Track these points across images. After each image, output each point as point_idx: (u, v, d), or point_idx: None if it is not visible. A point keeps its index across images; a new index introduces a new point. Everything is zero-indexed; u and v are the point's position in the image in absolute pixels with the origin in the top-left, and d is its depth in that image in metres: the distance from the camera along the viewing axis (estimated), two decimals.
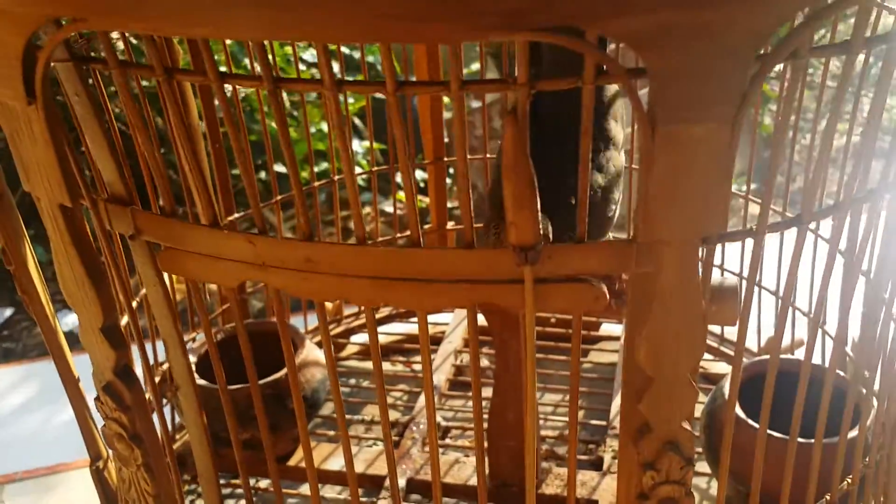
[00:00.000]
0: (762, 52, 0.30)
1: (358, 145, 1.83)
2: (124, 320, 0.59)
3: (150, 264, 0.41)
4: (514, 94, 0.32)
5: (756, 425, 0.62)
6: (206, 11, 0.29)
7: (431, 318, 0.98)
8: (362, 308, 0.97)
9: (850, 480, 0.49)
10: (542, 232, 0.35)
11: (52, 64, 0.38)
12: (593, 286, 0.36)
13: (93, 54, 0.54)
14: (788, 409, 0.46)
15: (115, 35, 0.61)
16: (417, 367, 0.91)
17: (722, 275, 0.86)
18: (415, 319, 0.98)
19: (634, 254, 0.34)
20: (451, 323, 0.95)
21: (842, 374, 0.69)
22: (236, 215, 0.84)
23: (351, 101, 1.79)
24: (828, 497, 0.48)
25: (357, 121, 1.87)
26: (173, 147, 0.57)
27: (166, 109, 0.64)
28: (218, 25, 0.29)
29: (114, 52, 0.34)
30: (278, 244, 0.37)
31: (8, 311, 1.96)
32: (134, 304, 0.62)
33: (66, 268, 0.40)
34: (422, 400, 0.82)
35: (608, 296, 0.36)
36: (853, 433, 0.56)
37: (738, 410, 0.63)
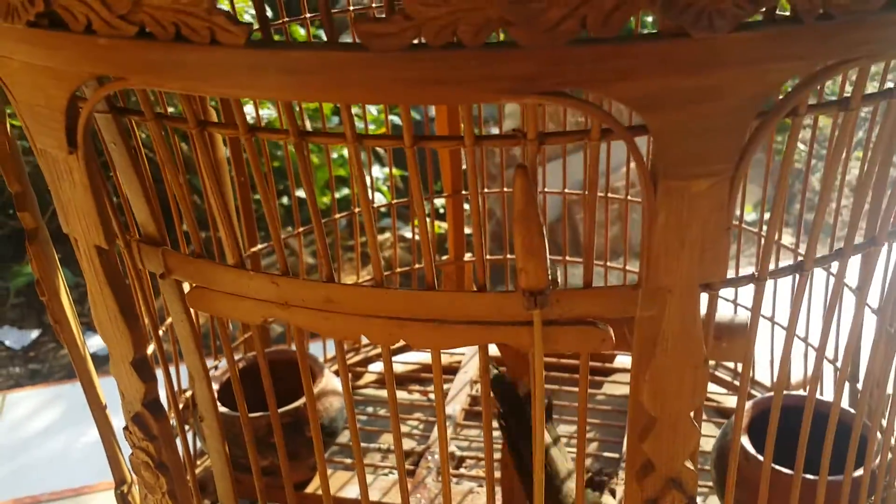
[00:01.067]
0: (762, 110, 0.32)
1: (379, 171, 1.86)
2: (151, 348, 0.61)
3: (179, 301, 0.44)
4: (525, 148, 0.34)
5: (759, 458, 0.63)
6: (241, 75, 0.31)
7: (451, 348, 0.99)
8: None
9: None
10: (550, 277, 0.37)
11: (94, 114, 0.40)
12: (600, 329, 0.37)
13: (128, 101, 0.56)
14: (790, 445, 0.47)
15: None
16: (432, 396, 0.92)
17: (735, 310, 0.87)
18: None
19: (639, 299, 0.36)
20: (467, 353, 0.97)
21: (851, 410, 0.70)
22: (259, 246, 0.87)
23: (372, 126, 1.82)
24: None
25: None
26: (202, 189, 0.60)
27: (195, 150, 0.67)
28: (251, 87, 0.31)
29: (150, 106, 0.37)
30: (300, 285, 0.39)
31: (35, 333, 2.00)
32: (161, 331, 0.65)
33: (100, 305, 0.42)
34: (436, 429, 0.84)
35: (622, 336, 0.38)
36: (859, 472, 0.57)
37: (749, 445, 0.64)
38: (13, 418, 1.37)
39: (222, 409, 0.75)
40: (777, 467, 0.61)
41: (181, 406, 0.76)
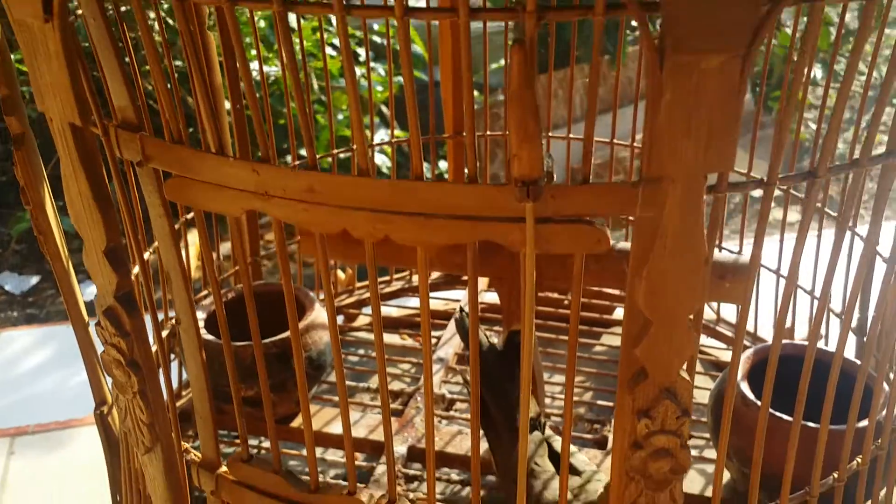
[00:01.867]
0: None
1: (384, 133, 1.84)
2: (135, 270, 0.60)
3: (157, 193, 0.42)
4: (522, 23, 0.31)
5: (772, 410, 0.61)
6: None
7: (444, 294, 0.97)
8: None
9: (860, 460, 0.48)
10: (545, 170, 0.34)
11: None
12: (596, 228, 0.35)
13: None
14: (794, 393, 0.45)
15: None
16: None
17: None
18: (434, 294, 0.98)
19: (639, 196, 0.33)
20: (463, 299, 0.95)
21: (853, 359, 0.68)
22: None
23: (379, 88, 1.79)
24: (835, 475, 0.47)
25: (383, 108, 1.87)
26: (188, 75, 0.57)
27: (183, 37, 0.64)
28: None
29: None
30: (282, 173, 0.37)
31: (34, 279, 2.00)
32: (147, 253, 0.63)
33: (73, 188, 0.40)
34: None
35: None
36: (863, 423, 0.55)
37: (748, 391, 0.62)
38: (7, 356, 1.36)
39: (209, 336, 0.73)
40: (774, 413, 0.59)
41: (167, 333, 0.74)
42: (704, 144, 0.31)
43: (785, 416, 0.59)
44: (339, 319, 0.95)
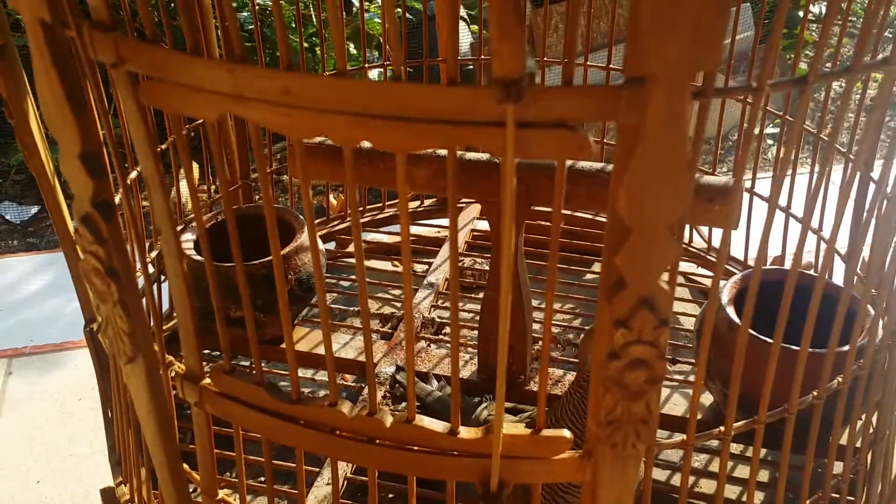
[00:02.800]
0: None
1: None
2: (118, 196, 0.59)
3: (132, 97, 0.41)
4: None
5: (750, 331, 0.61)
6: None
7: (436, 221, 0.97)
8: (366, 207, 0.97)
9: (840, 379, 0.48)
10: (528, 70, 0.33)
11: None
12: (578, 133, 0.34)
13: None
14: (792, 317, 0.45)
15: None
16: (418, 266, 0.90)
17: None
18: (421, 221, 0.97)
19: (623, 99, 0.32)
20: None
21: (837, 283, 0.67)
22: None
23: (377, 19, 1.75)
24: (815, 393, 0.47)
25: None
26: None
27: None
28: None
29: None
30: (257, 74, 0.36)
31: (34, 209, 1.99)
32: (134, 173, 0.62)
33: (46, 89, 0.39)
34: (418, 296, 0.82)
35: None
36: (845, 348, 0.55)
37: (734, 316, 0.62)
38: (6, 281, 1.36)
39: (196, 257, 0.73)
40: (758, 335, 0.59)
41: (155, 254, 0.74)
42: (690, 39, 0.30)
43: (769, 340, 0.59)
44: (332, 245, 0.95)
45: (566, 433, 0.42)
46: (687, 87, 0.31)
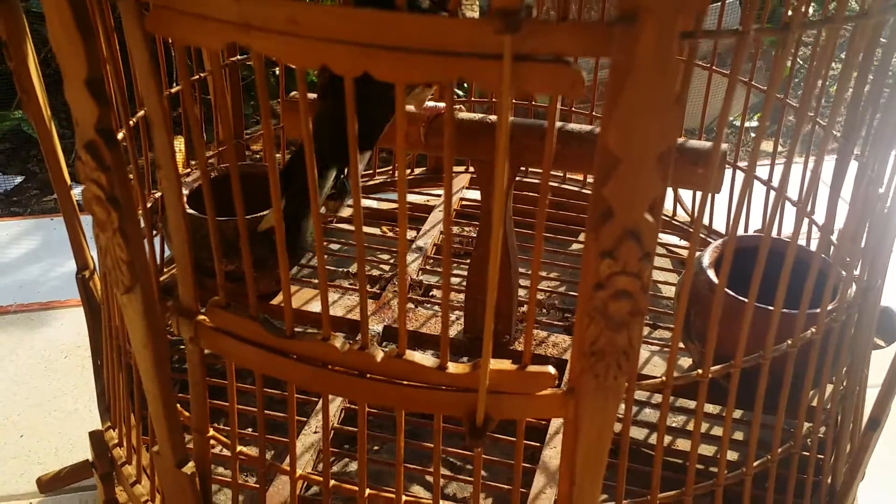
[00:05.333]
0: None
1: None
2: (121, 135, 0.60)
3: (138, 26, 0.41)
4: None
5: (728, 291, 0.63)
6: None
7: (427, 190, 0.98)
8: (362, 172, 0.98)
9: (814, 330, 0.50)
10: (525, 3, 0.35)
11: None
12: (572, 69, 0.36)
13: None
14: (770, 283, 0.47)
15: None
16: (410, 233, 0.92)
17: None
18: (413, 190, 0.98)
19: (616, 37, 0.34)
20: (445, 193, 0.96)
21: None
22: None
23: None
24: (789, 342, 0.49)
25: None
26: None
27: None
28: None
29: None
30: (262, 2, 0.37)
31: (18, 179, 1.98)
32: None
33: (55, 14, 0.40)
34: (409, 259, 0.84)
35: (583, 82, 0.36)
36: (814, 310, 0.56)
37: (714, 278, 0.64)
38: None
39: (191, 211, 0.74)
40: (736, 296, 0.61)
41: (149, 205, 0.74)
42: None
43: (745, 300, 0.61)
44: (322, 209, 0.96)
45: (551, 369, 0.43)
46: (676, 25, 0.32)
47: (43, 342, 1.06)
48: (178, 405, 0.53)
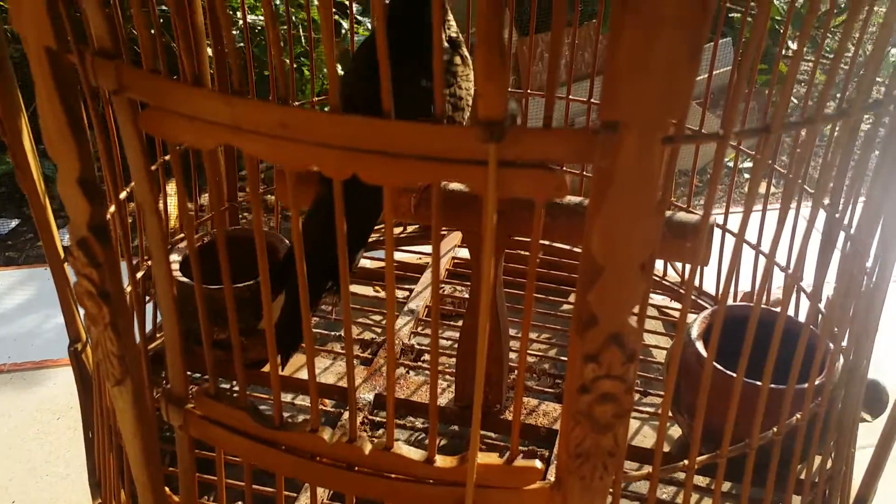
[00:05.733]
0: None
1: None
2: (111, 210, 0.60)
3: (132, 123, 0.42)
4: None
5: (717, 366, 0.63)
6: None
7: (419, 248, 0.99)
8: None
9: (798, 417, 0.50)
10: (510, 111, 0.35)
11: None
12: (556, 174, 0.36)
13: None
14: (758, 354, 0.47)
15: None
16: (399, 293, 0.92)
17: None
18: (403, 248, 0.99)
19: (599, 145, 0.35)
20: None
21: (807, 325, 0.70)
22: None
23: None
24: (775, 429, 0.49)
25: None
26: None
27: None
28: None
29: None
30: (254, 106, 0.38)
31: (14, 223, 1.99)
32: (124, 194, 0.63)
33: (48, 114, 0.40)
34: (399, 322, 0.84)
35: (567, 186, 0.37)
36: (802, 385, 0.57)
37: (703, 351, 0.64)
38: None
39: (183, 279, 0.74)
40: (725, 371, 0.61)
41: (141, 275, 0.75)
42: (660, 88, 0.32)
43: (734, 374, 0.61)
44: None
45: (538, 464, 0.43)
46: (657, 134, 0.33)
47: (35, 403, 1.06)
48: (168, 489, 0.52)
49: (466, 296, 0.89)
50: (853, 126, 0.50)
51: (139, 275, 0.73)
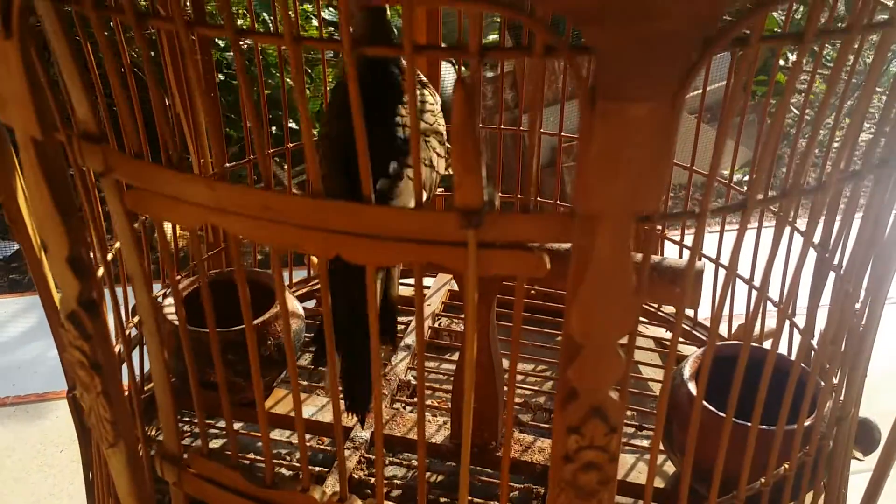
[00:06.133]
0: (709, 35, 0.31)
1: None
2: (100, 272, 0.61)
3: (119, 202, 0.43)
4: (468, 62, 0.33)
5: (709, 407, 0.63)
6: None
7: (412, 281, 0.99)
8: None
9: (787, 466, 0.51)
10: (487, 199, 0.36)
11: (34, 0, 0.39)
12: (535, 254, 0.37)
13: None
14: (752, 395, 0.48)
15: None
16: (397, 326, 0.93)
17: (700, 259, 0.87)
18: (405, 281, 0.99)
19: (576, 227, 0.35)
20: (432, 287, 0.97)
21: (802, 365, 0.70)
22: (228, 165, 0.85)
23: None
24: (762, 481, 0.50)
25: None
26: (168, 91, 0.59)
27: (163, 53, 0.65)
28: None
29: None
30: (237, 190, 0.39)
31: (17, 245, 2.00)
32: (109, 256, 0.64)
33: (36, 198, 0.41)
34: (396, 358, 0.84)
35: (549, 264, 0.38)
36: (791, 426, 0.57)
37: (695, 391, 0.65)
38: None
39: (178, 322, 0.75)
40: (716, 412, 0.61)
41: (132, 331, 0.75)
42: (632, 185, 0.33)
43: (719, 413, 0.62)
44: (311, 304, 0.97)
45: None
46: (630, 224, 0.34)
47: (38, 435, 1.07)
48: None
49: (462, 328, 0.90)
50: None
51: (130, 331, 0.74)
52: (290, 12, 0.86)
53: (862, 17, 0.34)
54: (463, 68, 1.07)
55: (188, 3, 0.74)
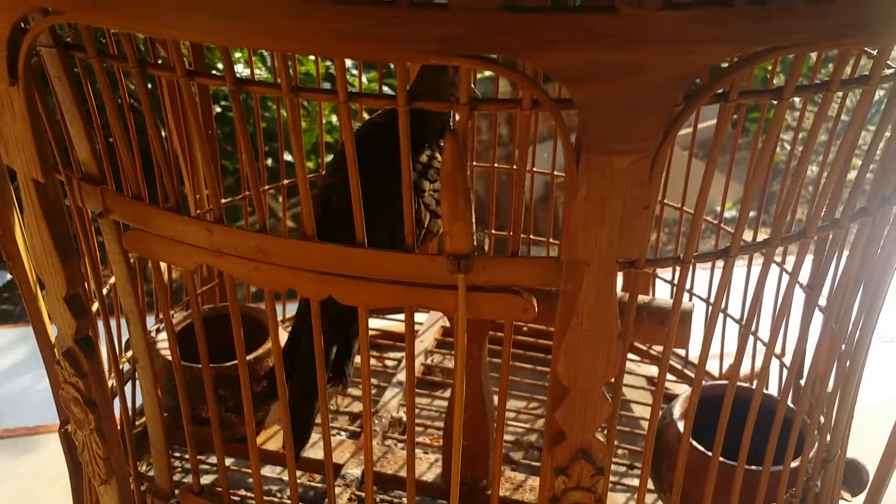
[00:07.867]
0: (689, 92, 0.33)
1: None
2: (95, 307, 0.62)
3: (116, 241, 0.44)
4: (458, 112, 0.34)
5: (698, 446, 0.64)
6: (171, 14, 0.31)
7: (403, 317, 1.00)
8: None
9: None
10: (476, 244, 0.37)
11: (39, 48, 0.40)
12: (522, 298, 0.38)
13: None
14: (739, 434, 0.48)
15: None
16: (389, 362, 0.93)
17: (690, 299, 0.87)
18: (391, 316, 1.00)
19: (563, 272, 0.36)
20: (425, 323, 0.97)
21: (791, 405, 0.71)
22: (224, 201, 0.87)
23: (365, 80, 1.81)
24: None
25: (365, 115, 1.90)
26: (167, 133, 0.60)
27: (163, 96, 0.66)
28: (181, 28, 0.31)
29: (92, 42, 0.37)
30: (233, 233, 0.40)
31: (9, 276, 2.00)
32: (105, 290, 0.65)
33: (35, 237, 0.42)
34: (387, 395, 0.85)
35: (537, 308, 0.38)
36: (777, 466, 0.57)
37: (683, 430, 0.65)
38: None
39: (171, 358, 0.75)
40: (705, 451, 0.62)
41: (127, 368, 0.76)
42: (616, 234, 0.34)
43: (708, 452, 0.62)
44: None
45: None
46: (615, 270, 0.35)
47: (29, 470, 1.06)
48: None
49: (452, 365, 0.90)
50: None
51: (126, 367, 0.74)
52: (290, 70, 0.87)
53: (839, 72, 0.35)
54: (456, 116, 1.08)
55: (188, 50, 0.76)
